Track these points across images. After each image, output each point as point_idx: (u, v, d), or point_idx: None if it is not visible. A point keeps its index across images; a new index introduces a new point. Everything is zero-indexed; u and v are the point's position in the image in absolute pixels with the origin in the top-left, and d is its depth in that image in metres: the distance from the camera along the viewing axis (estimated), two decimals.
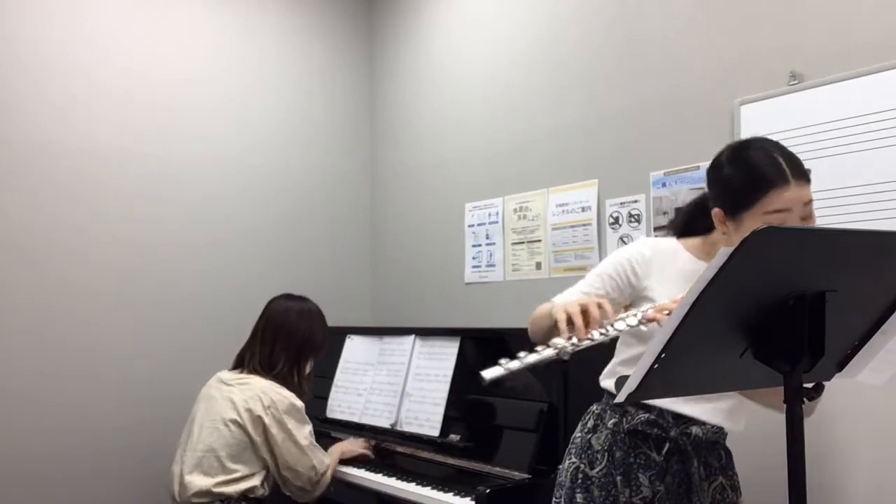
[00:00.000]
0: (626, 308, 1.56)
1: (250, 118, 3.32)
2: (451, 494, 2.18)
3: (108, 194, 2.92)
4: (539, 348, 1.28)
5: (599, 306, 1.31)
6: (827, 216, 1.98)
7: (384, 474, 2.41)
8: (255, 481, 2.29)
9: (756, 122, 2.16)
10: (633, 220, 2.51)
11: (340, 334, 3.04)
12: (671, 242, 1.62)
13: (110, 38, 2.95)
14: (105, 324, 2.88)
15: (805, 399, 1.07)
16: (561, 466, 1.66)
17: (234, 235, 3.24)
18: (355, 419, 2.76)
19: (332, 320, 3.37)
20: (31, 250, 2.75)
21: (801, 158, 1.43)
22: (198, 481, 2.24)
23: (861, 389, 1.70)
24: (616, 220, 2.57)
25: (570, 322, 1.29)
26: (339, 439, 2.70)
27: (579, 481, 1.59)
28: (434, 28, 3.39)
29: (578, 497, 1.57)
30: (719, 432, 1.59)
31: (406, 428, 2.54)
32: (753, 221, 1.38)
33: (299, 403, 2.37)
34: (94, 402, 2.84)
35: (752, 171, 1.41)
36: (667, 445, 1.53)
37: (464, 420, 2.40)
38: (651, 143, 2.47)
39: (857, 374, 1.21)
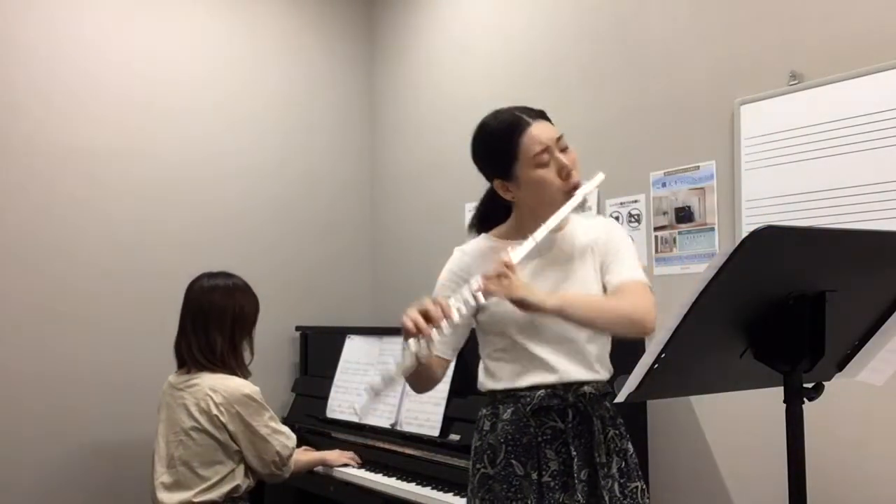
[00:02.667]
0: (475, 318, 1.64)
1: (250, 118, 3.31)
2: (451, 494, 2.18)
3: (107, 194, 2.91)
4: (399, 362, 1.39)
5: (434, 302, 1.41)
6: (827, 216, 1.98)
7: (384, 474, 2.41)
8: (237, 479, 2.25)
9: (756, 122, 2.16)
10: (633, 220, 2.51)
11: (340, 334, 3.04)
12: (479, 240, 1.73)
13: (110, 38, 2.95)
14: (103, 324, 2.88)
15: (805, 399, 1.08)
16: (470, 479, 1.66)
17: (234, 236, 3.24)
18: (355, 419, 2.76)
19: (332, 320, 3.39)
20: (28, 250, 2.74)
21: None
22: (177, 497, 2.20)
23: (861, 389, 1.70)
24: (616, 220, 2.56)
25: (415, 326, 1.38)
26: (339, 439, 2.71)
27: (477, 484, 1.60)
28: (434, 28, 3.39)
29: (478, 502, 1.59)
30: (601, 387, 1.61)
31: (406, 428, 2.54)
32: (526, 171, 1.54)
33: (250, 389, 2.27)
34: (94, 404, 2.84)
35: (498, 131, 1.57)
36: (570, 412, 1.55)
37: (464, 420, 2.40)
38: (651, 143, 2.47)
39: (857, 374, 1.21)
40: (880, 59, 1.92)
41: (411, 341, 1.37)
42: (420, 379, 1.61)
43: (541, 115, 1.60)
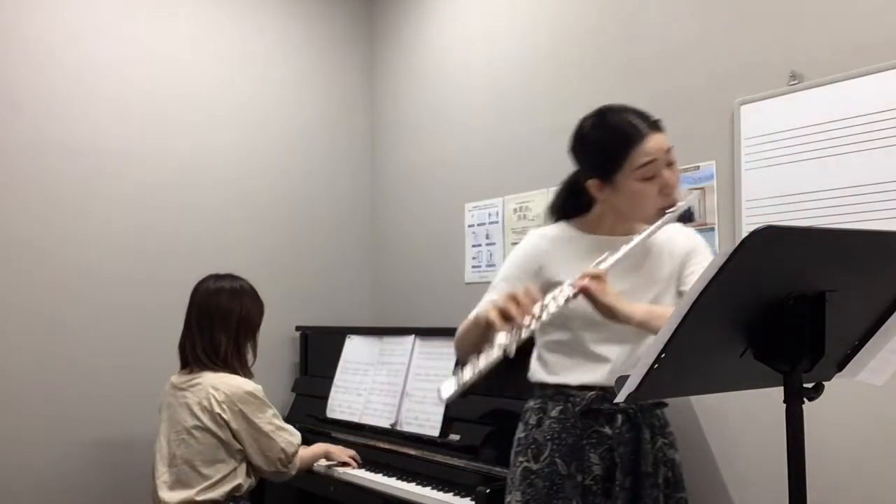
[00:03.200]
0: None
1: (249, 118, 3.32)
2: (451, 494, 2.18)
3: (106, 195, 2.91)
4: (485, 351, 1.34)
5: (526, 293, 1.39)
6: (827, 216, 1.98)
7: (384, 474, 2.41)
8: (239, 478, 2.25)
9: (756, 122, 2.16)
10: None
11: (340, 334, 3.04)
12: (559, 227, 1.69)
13: (109, 39, 2.95)
14: (103, 326, 2.88)
15: (805, 399, 1.08)
16: (510, 470, 1.66)
17: (234, 236, 3.24)
18: (355, 419, 2.76)
19: (332, 320, 3.39)
20: (28, 251, 2.74)
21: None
22: (179, 496, 2.20)
23: (861, 389, 1.69)
24: None
25: (504, 317, 1.35)
26: (339, 439, 2.71)
27: (520, 478, 1.60)
28: (434, 28, 3.39)
29: (517, 494, 1.58)
30: None
31: (406, 428, 2.54)
32: (627, 181, 1.50)
33: (252, 387, 2.28)
34: (92, 406, 2.84)
35: (612, 135, 1.53)
36: (619, 417, 1.54)
37: (464, 420, 2.40)
38: None
39: (857, 374, 1.21)
40: (880, 59, 1.92)
41: (501, 334, 1.34)
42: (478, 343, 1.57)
43: (656, 125, 1.55)
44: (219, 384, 2.25)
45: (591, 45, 2.68)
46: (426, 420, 2.47)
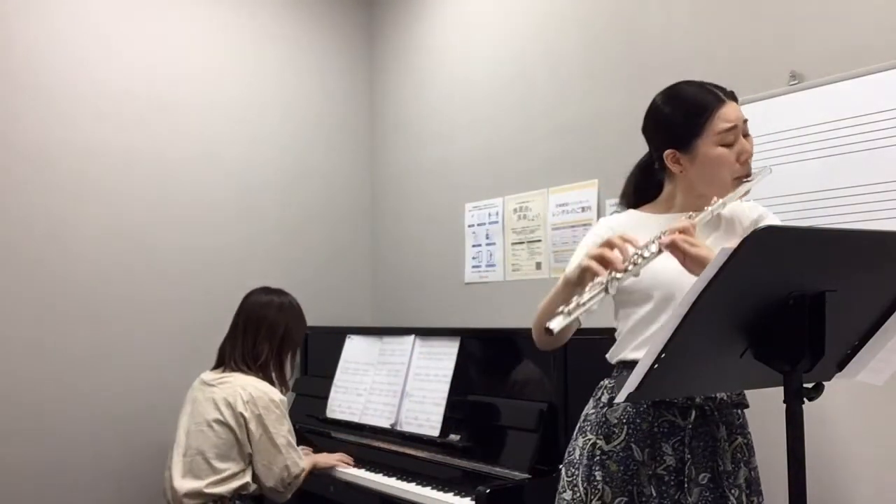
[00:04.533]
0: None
1: (250, 118, 3.32)
2: (451, 494, 2.18)
3: (107, 193, 2.92)
4: (588, 288, 1.30)
5: (623, 238, 1.37)
6: (827, 216, 1.98)
7: (384, 474, 2.41)
8: (247, 477, 2.29)
9: (756, 122, 2.15)
10: None
11: (340, 334, 3.04)
12: (628, 214, 1.68)
13: (110, 38, 2.95)
14: (104, 322, 2.88)
15: (805, 399, 1.07)
16: (573, 444, 1.61)
17: (234, 235, 3.24)
18: (355, 419, 2.76)
19: (332, 320, 3.38)
20: (30, 248, 2.75)
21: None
22: (188, 485, 2.24)
23: (861, 389, 1.70)
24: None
25: (601, 261, 1.33)
26: (339, 439, 2.71)
27: (597, 458, 1.54)
28: (434, 28, 3.39)
29: (597, 474, 1.53)
30: (741, 393, 1.56)
31: (406, 428, 2.54)
32: (707, 146, 1.49)
33: (279, 398, 2.36)
34: (93, 403, 2.84)
35: (691, 101, 1.52)
36: (693, 412, 1.50)
37: (464, 420, 2.40)
38: None
39: (857, 374, 1.21)
40: (880, 59, 1.92)
41: (598, 278, 1.31)
42: (565, 332, 1.55)
43: (733, 94, 1.55)
44: (248, 385, 2.33)
45: (591, 45, 2.68)
46: (426, 420, 2.47)
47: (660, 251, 1.36)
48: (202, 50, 3.19)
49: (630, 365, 1.55)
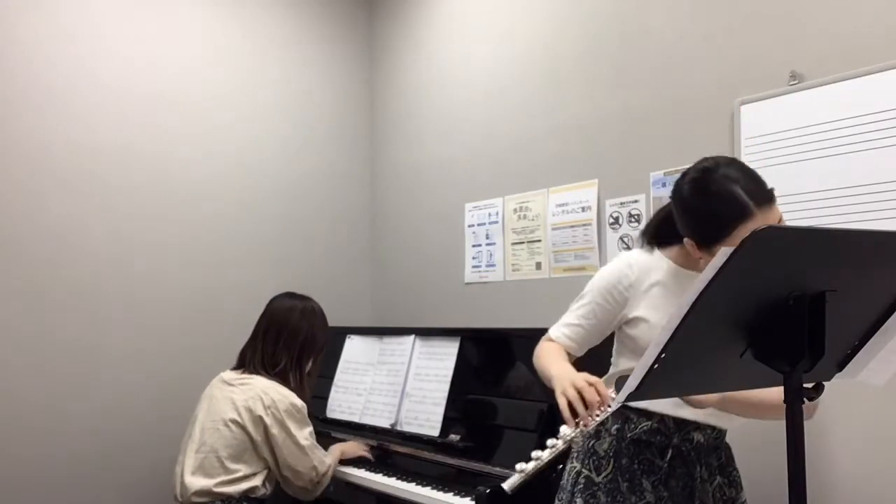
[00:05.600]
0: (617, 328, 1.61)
1: (250, 117, 3.32)
2: (451, 494, 2.18)
3: (108, 191, 2.91)
4: (550, 444, 1.37)
5: (596, 389, 1.36)
6: (827, 216, 1.98)
7: (384, 474, 2.41)
8: (257, 481, 2.29)
9: (756, 122, 2.16)
10: (633, 220, 2.51)
11: (340, 334, 3.04)
12: (654, 257, 1.58)
13: (111, 37, 2.95)
14: (105, 321, 2.88)
15: (805, 399, 1.07)
16: (566, 471, 1.66)
17: (234, 235, 3.24)
18: (355, 419, 2.76)
19: (332, 320, 3.36)
20: (31, 247, 2.74)
21: (768, 187, 1.39)
22: (199, 482, 2.24)
23: (861, 389, 1.70)
24: (616, 220, 2.57)
25: (572, 413, 1.35)
26: (339, 439, 2.70)
27: (581, 486, 1.59)
28: (434, 27, 3.39)
29: (579, 501, 1.58)
30: (719, 437, 1.60)
31: (406, 428, 2.54)
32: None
33: (300, 403, 2.37)
34: (97, 402, 2.84)
35: (715, 209, 1.37)
36: (670, 452, 1.54)
37: (464, 420, 2.40)
38: (651, 143, 2.47)
39: (857, 374, 1.21)
40: (880, 59, 1.92)
41: (564, 428, 1.35)
42: None
43: (766, 198, 1.36)
44: (269, 390, 2.33)
45: (591, 45, 2.68)
46: (426, 420, 2.47)
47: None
48: (203, 49, 3.19)
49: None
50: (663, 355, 1.00)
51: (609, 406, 1.34)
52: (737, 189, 1.35)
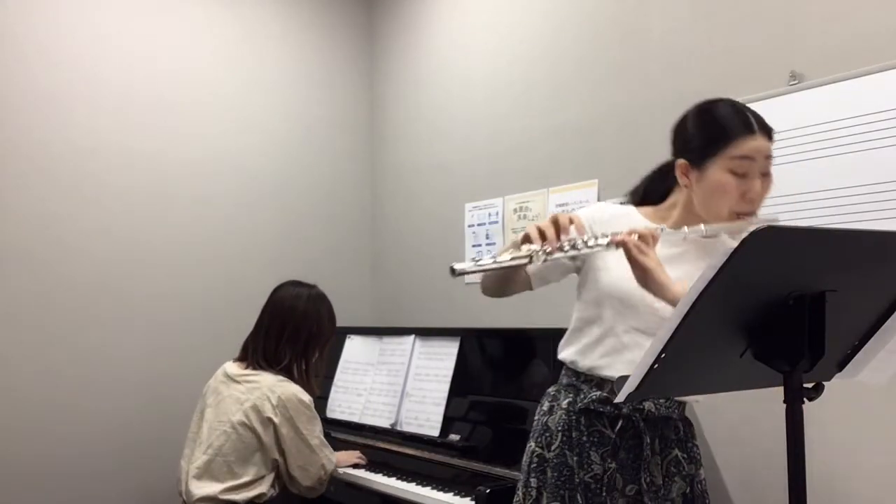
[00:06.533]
0: (577, 272, 1.61)
1: (250, 117, 3.32)
2: (451, 494, 2.18)
3: (107, 192, 2.92)
4: (512, 250, 1.36)
5: (570, 220, 1.38)
6: (827, 216, 1.98)
7: (384, 474, 2.41)
8: (263, 487, 2.25)
9: None
10: None
11: (340, 334, 3.03)
12: (625, 208, 1.64)
13: (111, 37, 2.95)
14: (105, 321, 2.88)
15: (805, 399, 1.07)
16: (526, 451, 1.66)
17: (234, 235, 3.24)
18: (355, 419, 2.76)
19: None
20: (30, 248, 2.75)
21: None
22: (204, 488, 2.20)
23: (861, 389, 1.70)
24: None
25: (541, 235, 1.36)
26: (339, 439, 2.70)
27: (534, 465, 1.59)
28: (434, 28, 3.39)
29: (532, 481, 1.58)
30: (672, 406, 1.56)
31: (406, 428, 2.54)
32: (717, 169, 1.44)
33: (307, 398, 2.32)
34: (97, 401, 2.84)
35: (721, 120, 1.47)
36: (620, 422, 1.52)
37: (464, 420, 2.40)
38: (651, 143, 2.47)
39: (857, 374, 1.21)
40: (880, 59, 1.92)
41: (530, 244, 1.35)
42: (501, 281, 1.59)
43: (766, 129, 1.47)
44: (276, 387, 2.28)
45: (591, 45, 2.68)
46: (426, 420, 2.47)
47: (608, 246, 1.38)
48: (202, 50, 3.19)
49: (569, 372, 1.60)
50: (663, 355, 1.00)
51: (579, 243, 1.36)
52: (743, 110, 1.48)
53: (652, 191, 1.65)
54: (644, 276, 1.38)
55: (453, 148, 3.26)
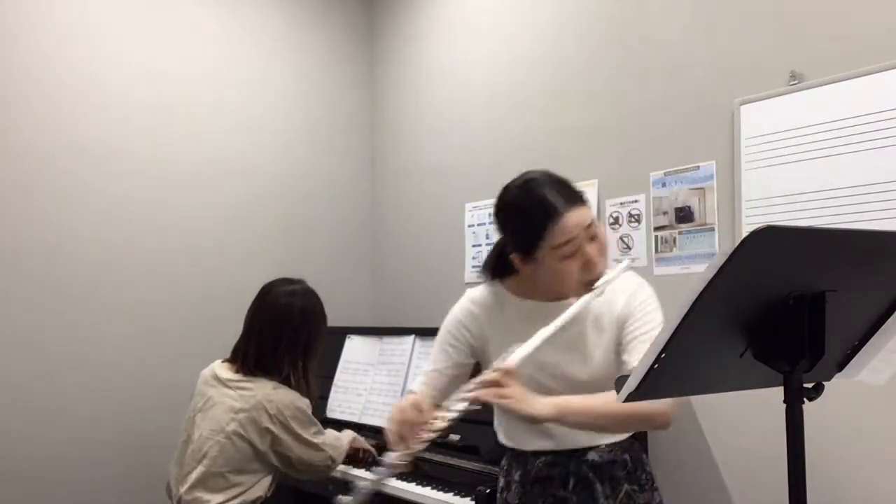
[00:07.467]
0: (475, 370, 1.61)
1: (250, 118, 3.32)
2: (451, 494, 2.18)
3: (106, 193, 2.91)
4: (378, 469, 1.40)
5: (414, 408, 1.41)
6: (828, 216, 1.98)
7: None
8: (260, 490, 2.21)
9: (756, 122, 2.16)
10: (633, 220, 2.51)
11: (340, 334, 3.03)
12: (493, 289, 1.63)
13: (109, 37, 2.95)
14: (104, 323, 2.88)
15: (805, 399, 1.07)
16: None
17: (234, 235, 3.24)
18: (355, 419, 2.76)
19: (332, 320, 3.35)
20: (28, 250, 2.74)
21: (577, 189, 1.51)
22: (201, 500, 2.14)
23: (861, 389, 1.69)
24: (616, 220, 2.57)
25: (399, 439, 1.40)
26: None
27: None
28: (434, 27, 3.39)
29: None
30: (614, 449, 1.58)
31: None
32: (547, 258, 1.43)
33: (305, 404, 2.25)
34: (93, 405, 2.84)
35: (529, 214, 1.44)
36: (571, 480, 1.54)
37: (464, 420, 2.39)
38: (651, 143, 2.47)
39: (857, 374, 1.21)
40: (880, 59, 1.92)
41: (390, 454, 1.38)
42: None
43: (574, 199, 1.47)
44: (272, 395, 2.18)
45: (591, 45, 2.68)
46: None
47: (469, 405, 1.40)
48: (202, 51, 3.19)
49: (510, 450, 1.64)
50: (663, 355, 1.00)
51: (443, 417, 1.38)
52: (544, 192, 1.45)
53: (500, 266, 1.62)
54: (516, 414, 1.40)
55: (453, 148, 3.26)
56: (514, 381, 1.39)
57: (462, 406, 1.39)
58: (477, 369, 1.63)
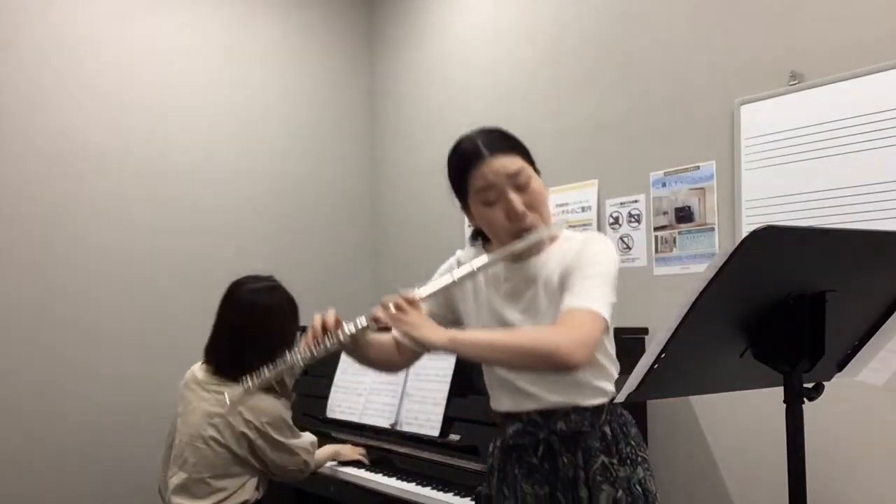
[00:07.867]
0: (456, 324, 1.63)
1: (250, 118, 3.32)
2: (451, 494, 2.17)
3: (104, 196, 2.91)
4: (279, 361, 1.43)
5: (327, 314, 1.43)
6: (827, 216, 1.98)
7: (384, 474, 2.41)
8: (246, 494, 2.18)
9: (756, 122, 2.16)
10: (633, 219, 2.51)
11: None
12: (472, 250, 1.66)
13: (106, 38, 2.94)
14: (100, 326, 2.87)
15: (805, 399, 1.08)
16: None
17: (234, 235, 3.24)
18: (355, 419, 2.75)
19: None
20: (24, 251, 2.74)
21: (514, 139, 1.52)
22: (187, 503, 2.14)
23: (861, 389, 1.70)
24: (616, 220, 2.57)
25: (313, 335, 1.43)
26: (339, 439, 2.70)
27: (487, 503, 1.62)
28: (435, 27, 3.39)
29: None
30: (583, 420, 1.49)
31: (406, 428, 2.53)
32: (475, 206, 1.48)
33: (279, 407, 2.20)
34: (92, 405, 2.84)
35: (454, 160, 1.52)
36: (541, 447, 1.51)
37: (464, 420, 2.40)
38: (651, 143, 2.47)
39: (857, 374, 1.21)
40: (880, 59, 1.92)
41: (296, 349, 1.42)
42: (373, 353, 1.58)
43: (505, 147, 1.46)
44: (248, 401, 2.11)
45: (591, 45, 2.68)
46: (426, 420, 2.47)
47: (368, 324, 1.42)
48: (201, 53, 3.19)
49: (497, 414, 1.61)
50: (663, 355, 1.00)
51: (340, 336, 1.41)
52: (470, 140, 1.50)
53: (480, 232, 1.64)
54: (408, 338, 1.40)
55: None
56: (416, 309, 1.40)
57: (364, 322, 1.42)
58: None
